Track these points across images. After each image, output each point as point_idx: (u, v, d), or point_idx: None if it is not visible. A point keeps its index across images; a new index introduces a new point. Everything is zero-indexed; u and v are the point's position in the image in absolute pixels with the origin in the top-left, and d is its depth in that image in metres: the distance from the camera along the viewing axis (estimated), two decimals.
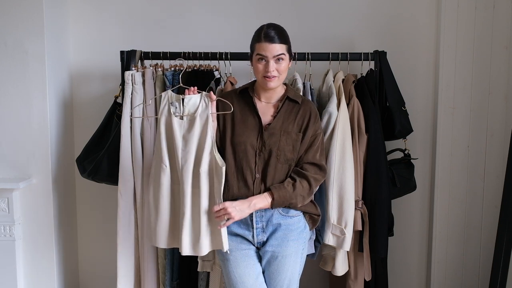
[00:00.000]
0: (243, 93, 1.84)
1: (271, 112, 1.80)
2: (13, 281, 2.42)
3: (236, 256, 1.75)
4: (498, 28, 2.44)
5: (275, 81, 1.73)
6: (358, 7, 2.55)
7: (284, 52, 1.72)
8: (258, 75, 1.75)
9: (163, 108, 1.82)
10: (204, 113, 1.78)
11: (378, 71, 2.22)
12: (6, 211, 2.39)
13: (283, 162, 1.75)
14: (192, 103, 1.80)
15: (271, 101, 1.82)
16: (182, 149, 1.78)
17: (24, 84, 2.39)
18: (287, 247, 1.76)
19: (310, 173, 1.76)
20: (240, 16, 2.57)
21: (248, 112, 1.79)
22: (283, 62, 1.72)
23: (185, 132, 1.79)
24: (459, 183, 2.52)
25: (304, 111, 1.80)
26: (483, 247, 2.55)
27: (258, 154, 1.74)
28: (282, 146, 1.74)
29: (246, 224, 1.75)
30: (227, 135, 1.78)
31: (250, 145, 1.74)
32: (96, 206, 2.70)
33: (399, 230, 2.49)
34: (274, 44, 1.70)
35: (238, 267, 1.75)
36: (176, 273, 2.24)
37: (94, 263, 2.75)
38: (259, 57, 1.72)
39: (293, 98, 1.81)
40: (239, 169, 1.75)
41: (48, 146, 2.42)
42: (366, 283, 2.22)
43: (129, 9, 2.60)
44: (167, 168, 1.82)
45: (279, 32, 1.73)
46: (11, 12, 2.35)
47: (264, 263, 1.79)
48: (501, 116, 2.48)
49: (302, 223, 1.81)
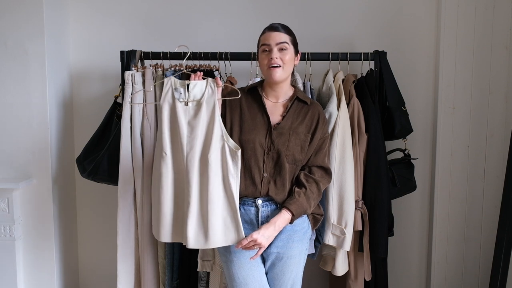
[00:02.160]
0: (252, 91, 1.84)
1: (280, 111, 1.80)
2: (13, 281, 2.42)
3: (240, 257, 1.74)
4: (498, 28, 2.44)
5: (279, 71, 1.72)
6: (358, 7, 2.55)
7: (287, 41, 1.72)
8: (263, 68, 1.75)
9: (166, 94, 1.77)
10: (211, 99, 1.74)
11: (378, 71, 2.22)
12: (6, 211, 2.39)
13: (291, 162, 1.74)
14: (198, 89, 1.76)
15: (280, 100, 1.81)
16: (188, 136, 1.72)
17: (24, 84, 2.39)
18: (292, 248, 1.75)
19: (318, 177, 1.76)
20: (240, 16, 2.58)
21: (256, 110, 1.78)
22: (286, 52, 1.72)
23: (191, 119, 1.74)
24: (459, 183, 2.52)
25: (313, 113, 1.80)
26: (483, 247, 2.55)
27: (267, 153, 1.73)
28: (291, 146, 1.73)
29: (251, 224, 1.74)
30: (235, 132, 1.76)
31: (259, 143, 1.73)
32: (96, 206, 2.70)
33: (399, 230, 2.50)
34: (277, 32, 1.72)
35: (242, 268, 1.73)
36: (176, 273, 2.24)
37: (94, 263, 2.75)
38: (263, 48, 1.73)
39: (302, 99, 1.81)
40: (247, 167, 1.73)
41: (48, 146, 2.42)
42: (366, 283, 2.22)
43: (129, 9, 2.60)
44: (167, 156, 1.76)
45: (283, 25, 1.76)
46: (11, 12, 2.35)
47: (268, 264, 1.78)
48: (501, 116, 2.48)
49: (306, 224, 1.81)
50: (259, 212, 1.73)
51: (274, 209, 1.73)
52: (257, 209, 1.73)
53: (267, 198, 1.73)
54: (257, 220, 1.74)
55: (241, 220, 1.71)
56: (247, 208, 1.74)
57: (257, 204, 1.73)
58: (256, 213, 1.73)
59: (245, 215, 1.74)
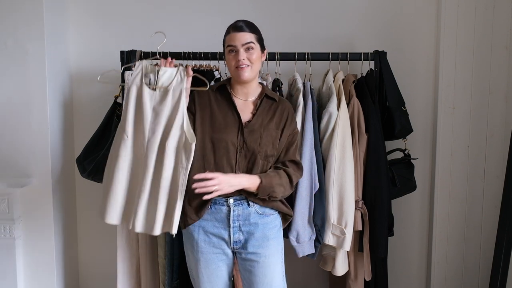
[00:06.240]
0: (220, 90, 1.84)
1: (250, 109, 1.80)
2: (13, 281, 2.41)
3: (207, 258, 1.74)
4: (498, 28, 2.44)
5: (247, 70, 1.73)
6: (358, 7, 2.55)
7: (253, 41, 1.73)
8: (231, 68, 1.76)
9: (135, 77, 1.77)
10: (178, 87, 1.74)
11: (378, 71, 2.22)
12: (6, 211, 2.38)
13: (264, 158, 1.75)
14: (168, 75, 1.75)
15: (249, 98, 1.82)
16: (151, 121, 1.72)
17: (24, 84, 2.39)
18: (268, 247, 1.75)
19: (291, 170, 1.78)
20: (240, 16, 2.54)
21: (226, 108, 1.78)
22: (253, 51, 1.73)
23: (156, 104, 1.73)
24: (459, 183, 2.52)
25: (282, 110, 1.82)
26: (483, 247, 2.55)
27: (239, 151, 1.73)
28: (263, 143, 1.74)
29: (222, 223, 1.73)
30: (206, 131, 1.76)
31: (231, 142, 1.73)
32: (96, 206, 2.66)
33: (399, 230, 2.49)
34: (242, 32, 1.72)
35: (207, 268, 1.75)
36: (176, 273, 2.23)
37: (94, 263, 2.75)
38: (229, 48, 1.74)
39: (270, 95, 1.83)
40: (219, 165, 1.72)
41: (48, 146, 2.42)
42: (366, 283, 2.22)
43: (129, 9, 2.60)
44: (128, 139, 1.75)
45: (247, 22, 1.76)
46: (11, 12, 2.35)
47: (246, 265, 1.77)
48: (501, 116, 2.48)
49: (278, 221, 1.82)
50: (230, 212, 1.72)
51: (246, 208, 1.73)
52: (229, 208, 1.72)
53: (239, 197, 1.73)
54: (228, 219, 1.73)
55: (212, 219, 1.72)
56: (218, 207, 1.73)
57: (228, 203, 1.72)
58: (228, 212, 1.72)
59: (216, 214, 1.73)
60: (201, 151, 1.75)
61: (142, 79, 1.75)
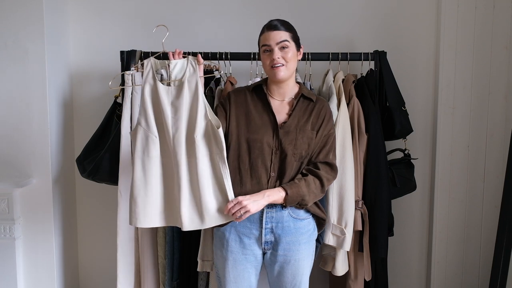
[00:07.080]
0: (256, 90, 1.82)
1: (286, 110, 1.78)
2: (13, 281, 2.42)
3: (236, 258, 1.73)
4: (498, 28, 2.44)
5: (282, 70, 1.70)
6: (358, 7, 2.55)
7: (287, 39, 1.70)
8: (266, 68, 1.74)
9: (147, 76, 1.73)
10: (193, 77, 1.71)
11: (378, 71, 2.22)
12: (6, 211, 2.39)
13: (298, 160, 1.72)
14: (179, 67, 1.72)
15: (285, 98, 1.80)
16: (172, 117, 1.69)
17: (24, 84, 2.39)
18: (299, 251, 1.73)
19: (323, 172, 1.73)
20: (240, 16, 2.57)
21: (262, 109, 1.76)
22: (288, 50, 1.70)
23: (174, 99, 1.70)
24: (459, 183, 2.52)
25: (318, 110, 1.78)
26: (483, 247, 2.55)
27: (275, 153, 1.71)
28: (298, 144, 1.71)
29: (255, 224, 1.71)
30: (242, 131, 1.73)
31: (266, 143, 1.70)
32: (96, 206, 2.70)
33: (399, 230, 2.49)
34: (276, 31, 1.69)
35: (235, 268, 1.73)
36: (176, 273, 2.24)
37: (94, 263, 2.75)
38: (264, 48, 1.72)
39: (307, 95, 1.79)
40: (254, 166, 1.71)
41: (48, 146, 2.42)
42: (366, 283, 2.22)
43: (129, 9, 2.60)
44: (157, 139, 1.72)
45: (282, 21, 1.74)
46: (11, 12, 2.35)
47: (276, 268, 1.75)
48: (501, 116, 2.48)
49: (312, 226, 1.80)
50: (263, 213, 1.70)
51: (280, 211, 1.71)
52: (262, 209, 1.70)
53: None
54: (261, 220, 1.71)
55: (245, 220, 1.68)
56: None
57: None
58: (261, 213, 1.71)
59: (250, 215, 1.70)
60: (236, 151, 1.73)
61: (154, 76, 1.72)
